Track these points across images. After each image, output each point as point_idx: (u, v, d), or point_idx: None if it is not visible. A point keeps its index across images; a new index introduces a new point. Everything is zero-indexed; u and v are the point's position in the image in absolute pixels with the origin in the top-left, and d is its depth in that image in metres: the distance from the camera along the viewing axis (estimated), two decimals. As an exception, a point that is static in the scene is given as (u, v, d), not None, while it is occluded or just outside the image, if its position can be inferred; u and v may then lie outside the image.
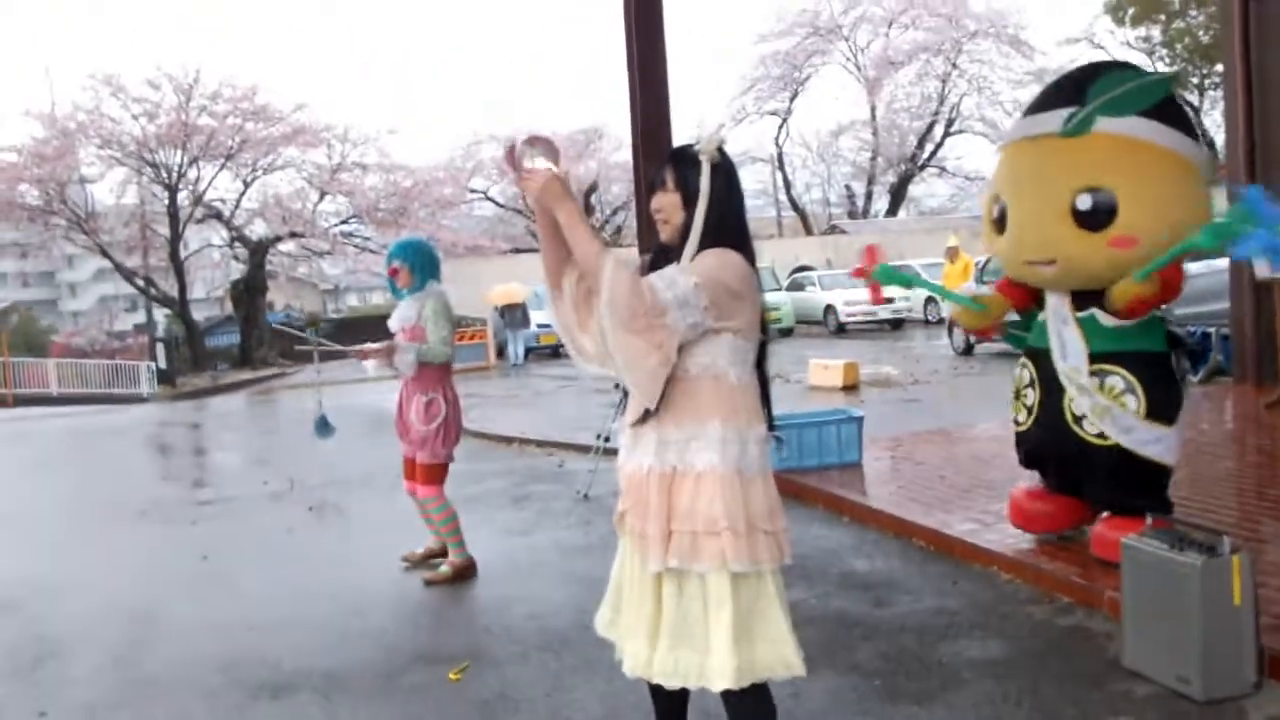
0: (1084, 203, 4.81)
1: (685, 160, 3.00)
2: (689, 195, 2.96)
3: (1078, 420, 5.07)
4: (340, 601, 5.82)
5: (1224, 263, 11.48)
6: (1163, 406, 4.97)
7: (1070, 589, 5.08)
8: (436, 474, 6.13)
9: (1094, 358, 5.00)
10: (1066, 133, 4.89)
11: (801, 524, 6.81)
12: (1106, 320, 4.97)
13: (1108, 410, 4.95)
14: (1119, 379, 4.94)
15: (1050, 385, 5.20)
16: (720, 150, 2.98)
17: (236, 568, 6.79)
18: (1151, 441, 4.96)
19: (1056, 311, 5.15)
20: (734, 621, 2.85)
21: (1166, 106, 4.91)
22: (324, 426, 6.63)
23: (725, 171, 2.98)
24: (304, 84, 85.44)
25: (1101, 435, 5.00)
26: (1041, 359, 5.27)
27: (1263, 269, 4.46)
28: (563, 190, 2.86)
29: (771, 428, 3.07)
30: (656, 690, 3.10)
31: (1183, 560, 3.95)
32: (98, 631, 5.61)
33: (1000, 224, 5.26)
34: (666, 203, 3.00)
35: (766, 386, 3.10)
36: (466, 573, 6.12)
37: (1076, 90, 4.93)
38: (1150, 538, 4.18)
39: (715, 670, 2.84)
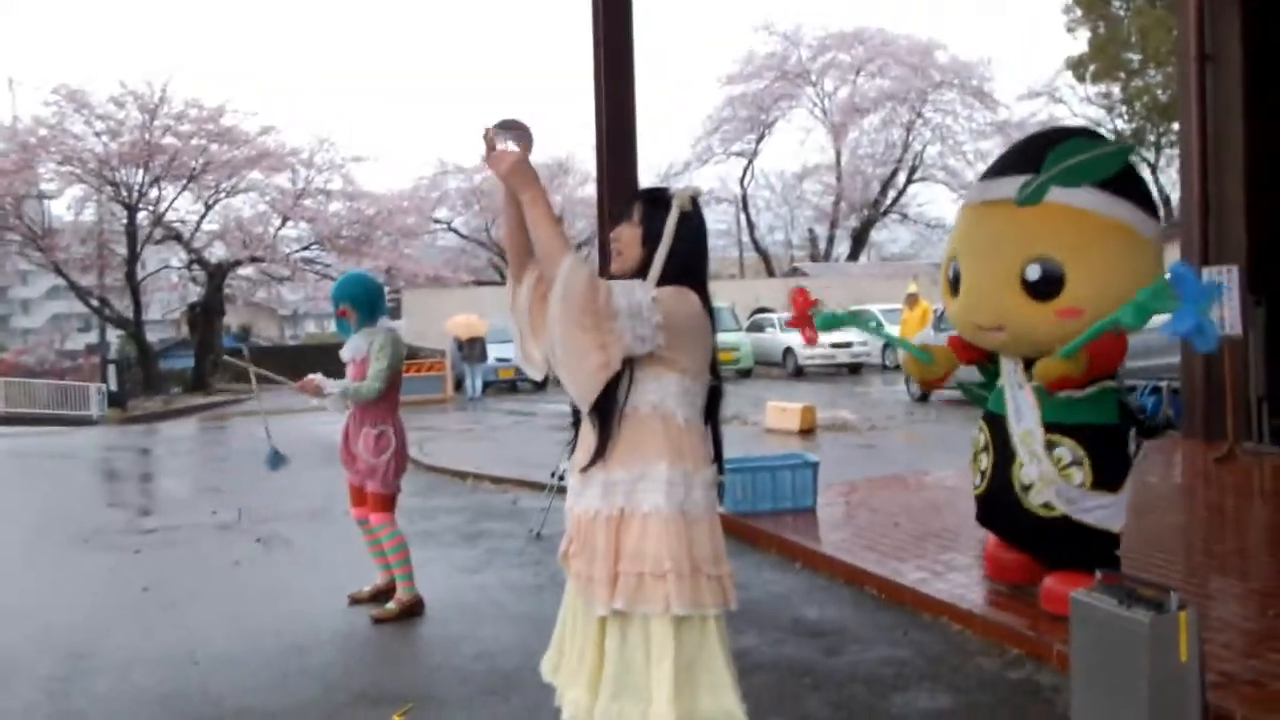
0: (1033, 272, 4.90)
1: (656, 200, 3.01)
2: (651, 233, 2.95)
3: (1025, 489, 5.13)
4: (285, 637, 5.73)
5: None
6: (1109, 477, 5.02)
7: (1020, 641, 5.09)
8: (388, 502, 6.11)
9: (1046, 427, 5.03)
10: (1020, 201, 4.93)
11: (753, 569, 6.80)
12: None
13: (1054, 481, 4.99)
14: (1066, 450, 4.99)
15: (1002, 451, 5.27)
16: (693, 200, 2.99)
17: (179, 599, 6.66)
18: (1096, 509, 5.01)
19: (1010, 376, 5.21)
20: (676, 671, 2.82)
21: (1122, 178, 4.94)
22: (276, 458, 6.58)
23: (695, 221, 2.99)
24: (270, 106, 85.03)
25: (1047, 506, 5.05)
26: (996, 424, 5.32)
27: (1204, 345, 4.48)
28: (530, 174, 2.82)
29: (720, 472, 3.06)
30: None
31: (1130, 616, 3.95)
32: (32, 663, 5.47)
33: (956, 285, 5.33)
34: (626, 235, 3.00)
35: (718, 431, 3.09)
36: (414, 610, 6.05)
37: (1035, 157, 4.95)
38: (1099, 593, 4.19)
39: None
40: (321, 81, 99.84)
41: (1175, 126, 24.28)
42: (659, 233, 2.94)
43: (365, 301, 6.08)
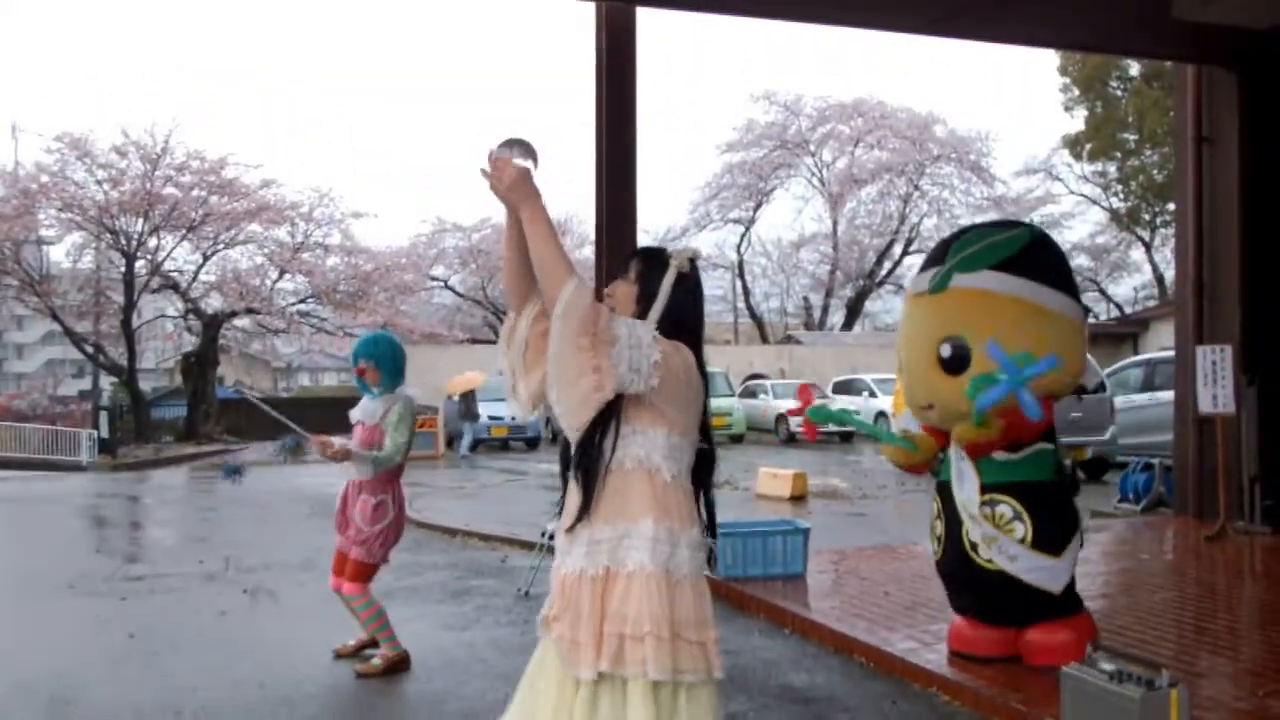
0: (945, 351, 5.44)
1: (653, 259, 2.99)
2: (646, 292, 2.93)
3: (974, 547, 5.43)
4: (270, 690, 5.68)
5: (1168, 395, 11.72)
6: (1049, 534, 5.35)
7: (1010, 714, 5.06)
8: (366, 573, 6.05)
9: (986, 488, 5.41)
10: (931, 290, 5.53)
11: (742, 634, 6.77)
12: (997, 454, 5.37)
13: (995, 539, 5.32)
14: (1007, 507, 5.36)
15: (952, 514, 5.59)
16: (691, 263, 2.98)
17: (164, 649, 6.61)
18: (1035, 570, 5.32)
19: (955, 448, 5.58)
20: None
21: (1021, 259, 5.43)
22: (233, 471, 6.49)
23: (691, 283, 2.98)
24: (273, 155, 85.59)
25: (990, 561, 5.37)
26: (946, 491, 5.67)
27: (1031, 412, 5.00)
28: (533, 189, 2.76)
29: (712, 535, 3.01)
30: None
31: (1121, 692, 3.95)
32: (12, 712, 5.41)
33: (903, 374, 5.85)
34: (621, 292, 2.97)
35: (709, 496, 3.03)
36: (399, 666, 6.00)
37: (943, 251, 5.60)
38: (1090, 667, 4.18)
39: None
40: (325, 129, 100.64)
41: (1171, 206, 24.51)
42: (654, 291, 2.92)
43: (390, 363, 6.04)
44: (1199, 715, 4.57)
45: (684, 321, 2.93)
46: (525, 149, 2.83)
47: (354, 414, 6.10)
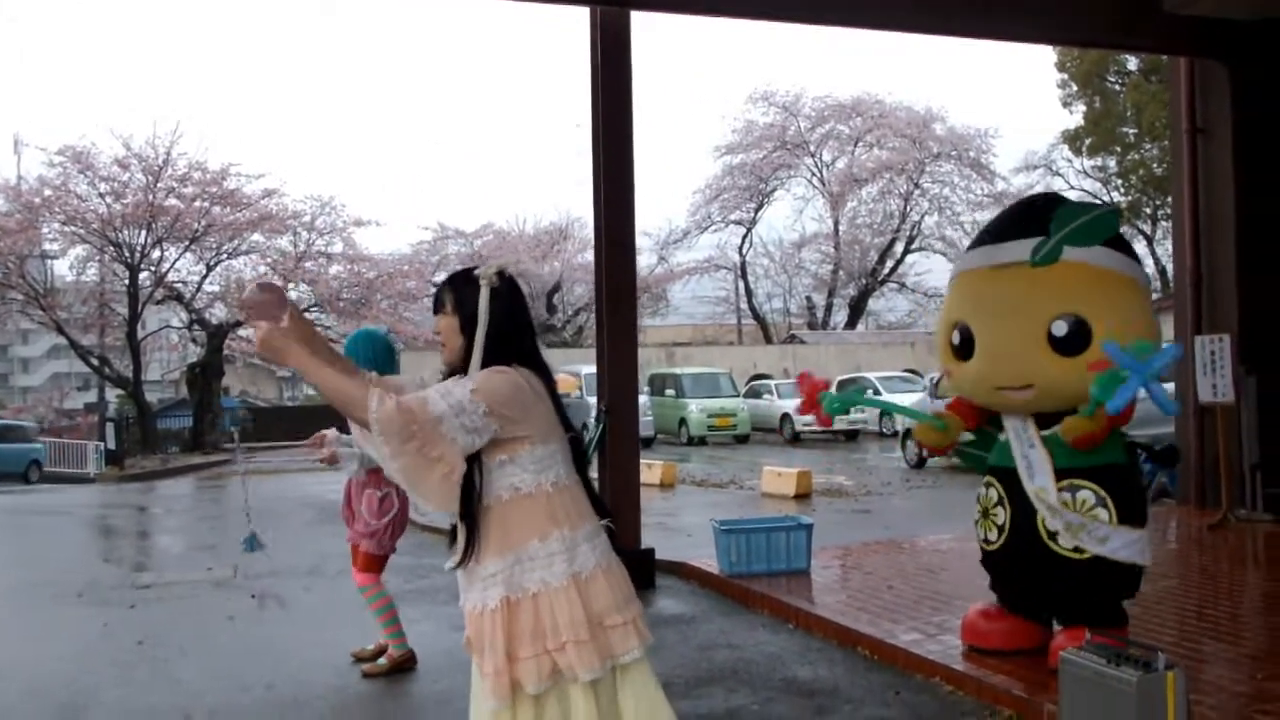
0: (1059, 329, 5.04)
1: (463, 284, 3.01)
2: (466, 319, 2.95)
3: (1052, 536, 5.13)
4: (277, 691, 5.73)
5: (1169, 386, 11.74)
6: (1132, 512, 5.12)
7: (1012, 702, 5.09)
8: (376, 564, 6.11)
9: (1063, 472, 5.12)
10: (1037, 262, 5.10)
11: (746, 629, 6.81)
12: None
13: (1081, 526, 5.04)
14: (1089, 493, 5.07)
15: (1021, 503, 5.26)
16: (500, 275, 3.00)
17: (173, 654, 6.66)
18: (1126, 545, 5.07)
19: (1019, 434, 5.28)
20: None
21: (1119, 238, 5.24)
22: (253, 542, 6.51)
23: (505, 295, 2.99)
24: (275, 160, 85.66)
25: (1077, 550, 5.07)
26: (1008, 477, 5.35)
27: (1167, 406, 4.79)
28: (284, 341, 2.74)
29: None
30: None
31: (1118, 675, 3.98)
32: (24, 718, 5.46)
33: (963, 351, 5.41)
34: (444, 325, 3.00)
35: (587, 480, 3.08)
36: (405, 665, 6.05)
37: (1038, 220, 5.16)
38: (1088, 652, 4.22)
39: None
40: (327, 137, 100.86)
41: (1170, 199, 24.52)
42: (474, 314, 2.94)
43: (370, 360, 6.07)
44: (1198, 699, 4.61)
45: (507, 336, 2.97)
46: (276, 297, 2.80)
47: None
